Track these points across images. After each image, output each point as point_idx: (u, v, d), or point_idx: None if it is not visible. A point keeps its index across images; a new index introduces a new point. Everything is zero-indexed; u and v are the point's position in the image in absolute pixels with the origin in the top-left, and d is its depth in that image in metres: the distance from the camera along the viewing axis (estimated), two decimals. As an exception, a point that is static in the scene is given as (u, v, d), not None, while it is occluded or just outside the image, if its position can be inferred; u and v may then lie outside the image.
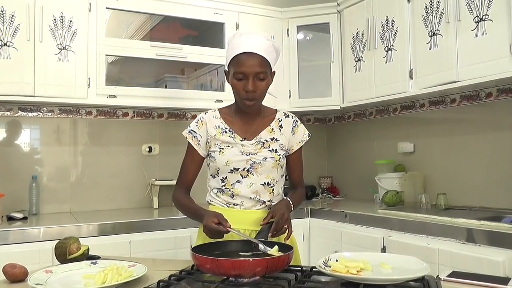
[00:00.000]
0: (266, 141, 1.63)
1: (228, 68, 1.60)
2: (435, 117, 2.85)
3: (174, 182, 1.72)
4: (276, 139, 1.64)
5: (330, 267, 1.21)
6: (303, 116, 3.65)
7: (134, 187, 3.05)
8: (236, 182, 1.60)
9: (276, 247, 1.32)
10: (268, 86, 1.59)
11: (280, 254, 1.26)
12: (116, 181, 3.01)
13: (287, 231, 1.49)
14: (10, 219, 2.44)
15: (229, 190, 1.61)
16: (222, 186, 1.62)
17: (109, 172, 3.00)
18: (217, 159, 1.60)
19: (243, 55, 1.52)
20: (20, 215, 2.47)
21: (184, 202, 1.64)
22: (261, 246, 1.32)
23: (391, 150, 3.15)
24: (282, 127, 1.67)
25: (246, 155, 1.60)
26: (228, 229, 1.38)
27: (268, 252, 1.29)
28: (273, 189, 1.63)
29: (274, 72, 1.63)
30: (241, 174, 1.60)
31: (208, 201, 1.70)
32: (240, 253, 1.35)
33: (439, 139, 2.83)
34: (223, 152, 1.60)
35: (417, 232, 2.14)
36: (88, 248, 1.48)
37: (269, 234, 1.43)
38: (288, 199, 1.59)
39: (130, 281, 1.20)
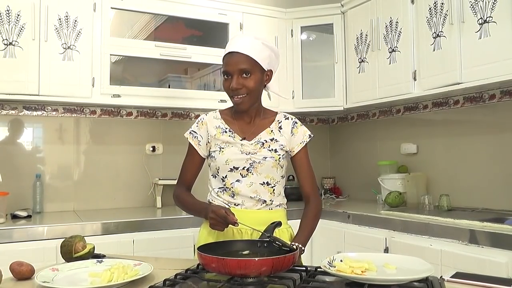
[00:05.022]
0: (266, 141, 1.64)
1: None
2: (438, 118, 2.85)
3: (176, 182, 1.73)
4: (276, 139, 1.65)
5: (334, 267, 1.21)
6: (306, 117, 3.66)
7: (137, 187, 3.06)
8: (236, 181, 1.61)
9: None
10: (257, 83, 1.59)
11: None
12: (119, 180, 3.02)
13: None
14: (15, 217, 2.45)
15: (229, 189, 1.62)
16: (223, 185, 1.63)
17: (112, 171, 3.01)
18: (217, 158, 1.62)
19: (228, 55, 1.60)
20: (24, 214, 2.49)
21: (185, 198, 1.66)
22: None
23: (394, 151, 3.15)
24: (281, 128, 1.68)
25: (246, 154, 1.61)
26: (236, 221, 1.40)
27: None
28: (273, 189, 1.63)
29: (271, 71, 1.65)
30: (240, 173, 1.61)
31: (209, 200, 1.70)
32: (245, 252, 1.35)
33: (442, 140, 2.83)
34: (223, 151, 1.62)
35: (419, 233, 2.15)
36: (94, 247, 1.49)
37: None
38: (303, 247, 1.52)
39: (136, 280, 1.21)
